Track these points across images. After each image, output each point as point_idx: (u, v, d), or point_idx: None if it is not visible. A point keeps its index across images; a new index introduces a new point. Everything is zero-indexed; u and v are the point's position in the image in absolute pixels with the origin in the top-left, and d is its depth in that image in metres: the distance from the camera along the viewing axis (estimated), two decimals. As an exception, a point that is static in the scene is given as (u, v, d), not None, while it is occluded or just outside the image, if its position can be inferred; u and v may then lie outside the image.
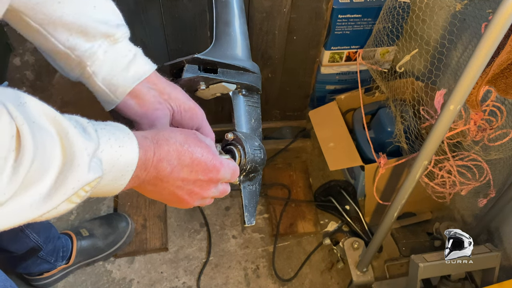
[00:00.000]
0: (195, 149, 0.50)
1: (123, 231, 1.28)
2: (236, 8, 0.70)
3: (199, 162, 0.50)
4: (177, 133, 0.50)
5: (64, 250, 1.19)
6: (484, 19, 0.98)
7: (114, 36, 0.57)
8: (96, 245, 1.24)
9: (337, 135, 1.32)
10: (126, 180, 0.45)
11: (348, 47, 1.36)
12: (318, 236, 1.40)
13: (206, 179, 0.51)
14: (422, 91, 1.17)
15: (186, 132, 0.51)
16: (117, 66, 0.57)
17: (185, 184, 0.51)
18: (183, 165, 0.49)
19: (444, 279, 1.14)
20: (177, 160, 0.49)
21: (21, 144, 0.34)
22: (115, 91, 0.58)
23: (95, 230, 1.26)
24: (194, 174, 0.50)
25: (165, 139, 0.48)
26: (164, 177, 0.48)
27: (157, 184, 0.49)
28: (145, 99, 0.59)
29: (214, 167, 0.51)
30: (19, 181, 0.34)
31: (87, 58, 0.56)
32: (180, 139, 0.49)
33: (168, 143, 0.48)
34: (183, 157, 0.49)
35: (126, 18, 0.61)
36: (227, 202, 1.45)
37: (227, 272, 1.31)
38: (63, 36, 0.54)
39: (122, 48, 0.58)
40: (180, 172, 0.49)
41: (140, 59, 0.60)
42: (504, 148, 1.01)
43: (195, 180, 0.51)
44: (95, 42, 0.56)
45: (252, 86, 0.68)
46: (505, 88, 0.83)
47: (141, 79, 0.59)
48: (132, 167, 0.44)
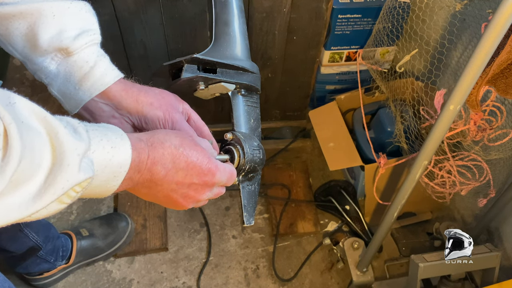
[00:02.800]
0: (190, 153, 0.49)
1: (123, 231, 1.28)
2: (235, 8, 0.70)
3: (194, 165, 0.50)
4: (172, 136, 0.49)
5: (64, 250, 1.19)
6: (484, 19, 0.98)
7: (68, 49, 0.54)
8: (96, 245, 1.24)
9: (337, 135, 1.32)
10: (118, 181, 0.44)
11: (348, 47, 1.36)
12: (318, 236, 1.40)
13: (201, 182, 0.51)
14: (422, 91, 1.17)
15: (182, 135, 0.51)
16: (71, 79, 0.56)
17: (180, 188, 0.50)
18: (178, 169, 0.49)
19: (444, 279, 1.14)
20: (172, 164, 0.48)
21: (8, 143, 0.33)
22: (69, 103, 0.57)
23: (95, 230, 1.26)
24: (189, 178, 0.50)
25: (160, 142, 0.48)
26: (158, 180, 0.48)
27: (151, 187, 0.49)
28: (97, 114, 0.58)
29: (209, 171, 0.51)
30: (6, 180, 0.34)
31: (40, 71, 0.56)
32: (175, 142, 0.49)
33: (163, 146, 0.48)
34: (178, 161, 0.48)
35: (126, 18, 0.60)
36: (227, 202, 1.45)
37: (227, 272, 1.31)
38: (19, 47, 0.54)
39: (78, 60, 0.56)
40: (175, 176, 0.49)
41: (98, 70, 0.56)
42: (504, 148, 1.01)
43: (190, 183, 0.50)
44: (47, 55, 0.55)
45: (251, 86, 0.68)
46: (505, 88, 0.83)
47: (93, 95, 0.56)
48: (125, 168, 0.44)
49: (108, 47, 1.19)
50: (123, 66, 1.16)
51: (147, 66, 1.18)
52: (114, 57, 0.60)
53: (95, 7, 1.05)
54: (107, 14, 1.03)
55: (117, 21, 1.05)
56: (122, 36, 1.09)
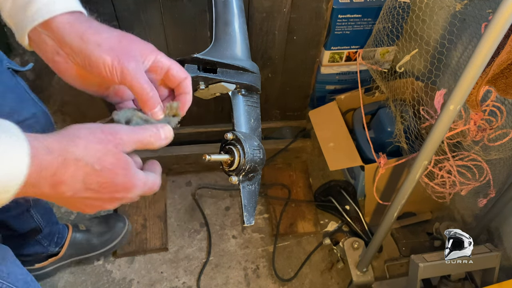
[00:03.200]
0: (107, 173, 0.44)
1: (119, 231, 1.28)
2: (235, 8, 0.70)
3: (108, 185, 0.45)
4: (92, 149, 0.43)
5: (59, 236, 1.19)
6: (484, 19, 0.98)
7: None
8: (91, 241, 1.25)
9: (337, 135, 1.32)
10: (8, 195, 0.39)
11: (348, 47, 1.36)
12: (318, 236, 1.40)
13: (112, 198, 0.47)
14: (422, 91, 1.17)
15: (106, 144, 0.44)
16: (18, 2, 0.49)
17: (86, 200, 0.46)
18: (88, 188, 0.44)
19: (444, 279, 1.14)
20: (82, 183, 0.43)
21: None
22: (17, 31, 0.50)
23: (93, 227, 1.27)
24: (99, 195, 0.45)
25: (75, 159, 0.42)
26: (62, 198, 0.44)
27: (56, 199, 0.45)
28: (41, 48, 0.51)
29: (124, 189, 0.46)
30: None
31: None
32: (92, 160, 0.43)
33: (76, 164, 0.42)
34: (90, 181, 0.43)
35: (126, 18, 0.60)
36: (227, 202, 1.45)
37: (227, 272, 1.31)
38: None
39: None
40: (84, 193, 0.44)
41: None
42: (504, 148, 1.01)
43: (98, 198, 0.46)
44: None
45: (251, 86, 0.68)
46: (505, 88, 0.83)
47: (35, 22, 0.48)
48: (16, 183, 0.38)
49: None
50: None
51: (147, 66, 1.18)
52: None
53: (95, 7, 1.05)
54: (107, 13, 1.03)
55: (117, 21, 1.05)
56: (122, 36, 1.09)
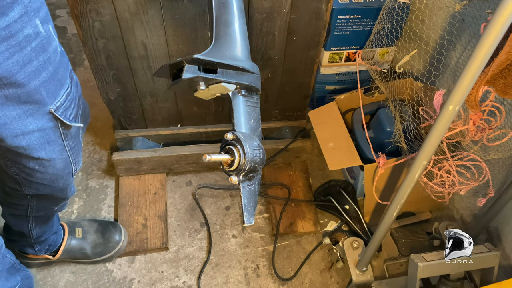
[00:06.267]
0: None
1: (113, 246, 1.28)
2: (235, 9, 0.70)
3: None
4: None
5: (51, 245, 1.20)
6: (483, 19, 0.98)
7: None
8: (84, 249, 1.25)
9: (337, 135, 1.32)
10: None
11: (348, 48, 1.37)
12: (317, 236, 1.40)
13: None
14: (421, 91, 1.18)
15: None
16: None
17: None
18: None
19: (443, 279, 1.15)
20: None
21: None
22: None
23: (89, 234, 1.27)
24: None
25: None
26: None
27: None
28: None
29: None
30: None
31: None
32: None
33: None
34: None
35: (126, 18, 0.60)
36: (227, 201, 1.46)
37: (227, 272, 1.32)
38: None
39: None
40: None
41: None
42: (503, 148, 1.01)
43: None
44: None
45: (251, 86, 0.69)
46: (504, 88, 0.84)
47: None
48: None
49: (109, 47, 1.19)
50: (124, 67, 1.16)
51: (148, 67, 1.19)
52: (114, 58, 0.60)
53: (96, 7, 1.06)
54: (108, 14, 1.03)
55: (117, 22, 1.05)
56: (123, 36, 1.09)
